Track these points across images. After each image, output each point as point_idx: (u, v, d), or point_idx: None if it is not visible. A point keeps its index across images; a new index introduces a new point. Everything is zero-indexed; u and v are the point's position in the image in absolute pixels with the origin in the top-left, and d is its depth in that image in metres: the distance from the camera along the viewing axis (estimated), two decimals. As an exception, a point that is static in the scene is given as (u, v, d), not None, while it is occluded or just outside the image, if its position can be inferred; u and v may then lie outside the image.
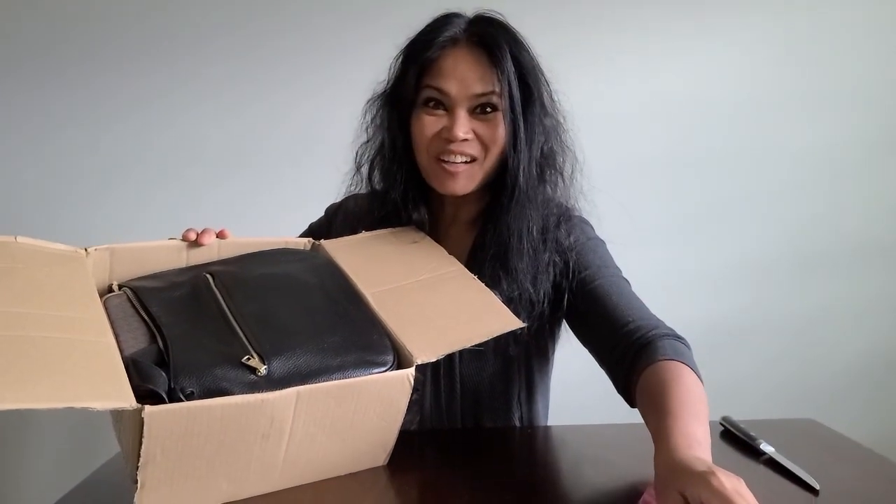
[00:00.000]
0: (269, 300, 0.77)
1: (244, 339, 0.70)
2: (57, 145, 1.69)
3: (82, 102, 1.68)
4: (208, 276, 0.79)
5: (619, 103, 1.75)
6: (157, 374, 0.62)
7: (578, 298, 0.92)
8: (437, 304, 0.81)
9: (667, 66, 1.77)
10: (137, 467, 0.59)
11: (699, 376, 0.73)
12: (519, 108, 0.88)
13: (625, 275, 0.95)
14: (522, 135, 0.89)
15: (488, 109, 0.89)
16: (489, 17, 0.92)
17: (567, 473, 0.81)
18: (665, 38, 1.76)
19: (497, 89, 0.87)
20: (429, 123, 0.90)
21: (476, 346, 0.77)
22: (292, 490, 0.71)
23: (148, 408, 0.57)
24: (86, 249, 0.78)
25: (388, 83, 0.96)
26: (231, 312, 0.73)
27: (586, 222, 1.01)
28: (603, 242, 1.00)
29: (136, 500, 0.61)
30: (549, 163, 0.95)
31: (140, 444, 0.58)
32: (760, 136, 1.81)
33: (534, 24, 0.94)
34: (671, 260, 1.82)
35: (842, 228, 1.86)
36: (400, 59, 0.94)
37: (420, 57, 0.90)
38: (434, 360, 0.72)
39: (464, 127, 0.88)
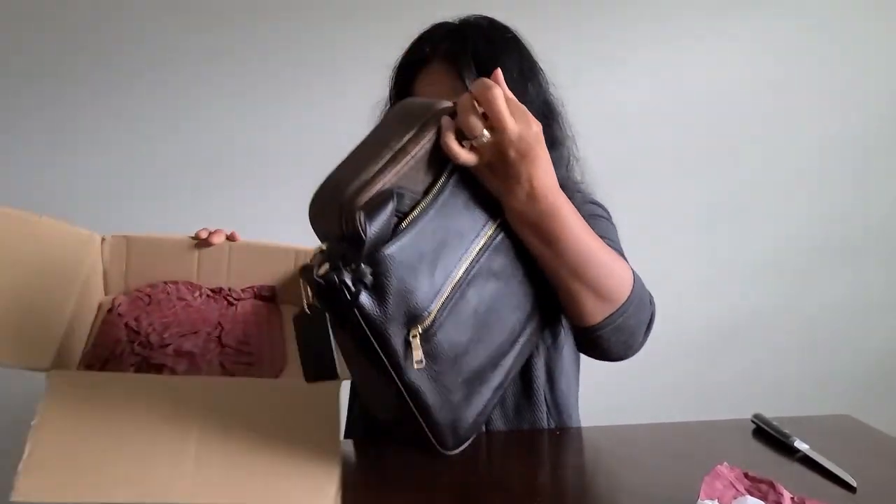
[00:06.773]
0: None
1: None
2: (68, 154, 1.69)
3: (94, 111, 1.68)
4: None
5: (642, 96, 1.74)
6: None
7: None
8: None
9: (689, 57, 1.76)
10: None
11: None
12: None
13: (652, 267, 0.91)
14: None
15: None
16: (458, 28, 0.90)
17: (604, 476, 0.81)
18: (687, 27, 1.75)
19: None
20: None
21: None
22: None
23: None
24: (102, 237, 0.89)
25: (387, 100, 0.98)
26: None
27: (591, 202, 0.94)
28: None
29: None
30: None
31: None
32: (788, 126, 1.79)
33: (550, 19, 0.92)
34: (700, 254, 1.80)
35: (872, 218, 1.84)
36: (390, 79, 0.96)
37: (400, 80, 0.94)
38: None
39: None
